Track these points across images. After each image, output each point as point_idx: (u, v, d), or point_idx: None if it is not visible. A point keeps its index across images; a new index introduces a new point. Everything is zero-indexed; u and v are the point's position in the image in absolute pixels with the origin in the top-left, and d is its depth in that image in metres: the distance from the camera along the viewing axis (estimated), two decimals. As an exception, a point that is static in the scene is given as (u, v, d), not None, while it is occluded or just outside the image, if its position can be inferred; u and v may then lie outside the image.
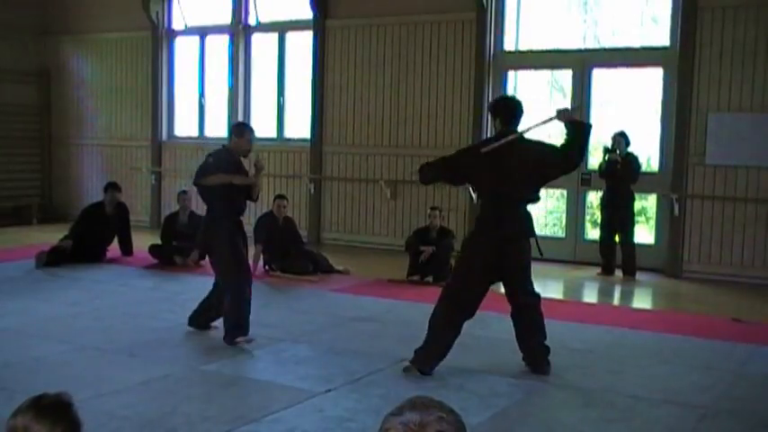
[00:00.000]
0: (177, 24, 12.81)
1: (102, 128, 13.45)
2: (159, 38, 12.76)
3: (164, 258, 9.34)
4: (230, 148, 6.13)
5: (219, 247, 6.00)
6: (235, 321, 5.90)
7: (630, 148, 9.12)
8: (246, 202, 6.26)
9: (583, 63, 9.98)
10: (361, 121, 11.18)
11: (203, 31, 12.63)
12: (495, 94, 9.68)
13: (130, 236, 9.84)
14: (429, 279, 8.43)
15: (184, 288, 8.01)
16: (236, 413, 4.50)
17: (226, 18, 12.27)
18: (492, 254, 5.25)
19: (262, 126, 11.08)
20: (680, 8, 9.24)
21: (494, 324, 6.17)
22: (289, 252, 8.95)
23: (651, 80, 9.90)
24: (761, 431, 4.63)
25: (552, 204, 10.85)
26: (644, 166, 9.62)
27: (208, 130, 12.66)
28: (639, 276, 9.15)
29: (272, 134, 11.88)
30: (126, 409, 4.51)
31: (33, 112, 13.73)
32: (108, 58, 13.33)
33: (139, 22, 12.69)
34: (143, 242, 9.83)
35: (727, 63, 9.00)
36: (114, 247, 9.74)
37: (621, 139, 9.08)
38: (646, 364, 5.75)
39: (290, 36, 11.94)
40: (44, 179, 13.91)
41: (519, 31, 10.46)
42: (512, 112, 5.41)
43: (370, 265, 9.60)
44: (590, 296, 8.80)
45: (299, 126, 11.85)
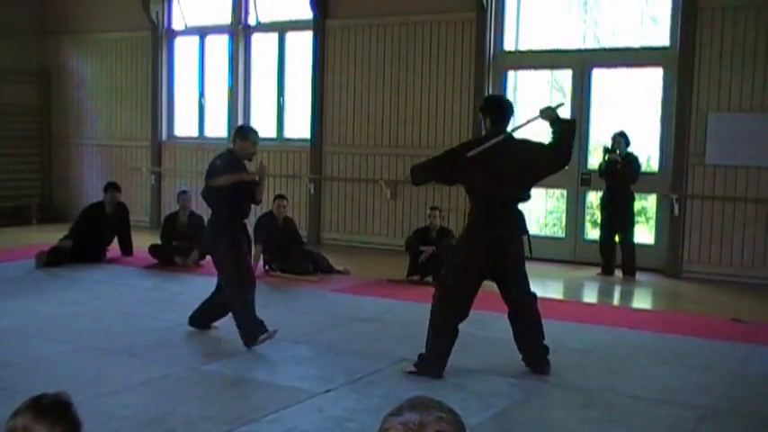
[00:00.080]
0: (177, 24, 12.81)
1: (102, 128, 13.45)
2: (159, 38, 12.76)
3: (164, 258, 9.34)
4: (234, 151, 6.13)
5: (224, 253, 5.98)
6: (249, 325, 5.87)
7: (630, 148, 9.12)
8: (251, 205, 6.28)
9: (583, 63, 9.98)
10: (361, 120, 11.18)
11: (203, 31, 12.63)
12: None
13: (130, 236, 9.85)
14: (429, 279, 8.43)
15: (184, 288, 8.02)
16: (236, 413, 4.50)
17: (226, 18, 12.27)
18: (488, 254, 5.25)
19: (262, 126, 11.00)
20: (680, 8, 9.24)
21: (494, 324, 6.17)
22: (289, 252, 8.96)
23: (651, 80, 9.90)
24: (761, 431, 4.63)
25: (552, 204, 10.85)
26: (644, 166, 9.62)
27: (208, 131, 12.67)
28: (639, 276, 9.15)
29: (272, 134, 11.86)
30: (126, 409, 4.51)
31: (33, 112, 13.73)
32: (108, 58, 13.34)
33: (139, 22, 12.69)
34: (143, 242, 9.83)
35: (727, 63, 9.00)
36: (114, 247, 9.74)
37: (621, 139, 9.08)
38: (645, 364, 5.75)
39: (289, 36, 11.94)
40: (44, 179, 13.91)
41: (519, 31, 10.46)
42: (502, 112, 5.41)
43: (370, 265, 9.60)
44: (590, 296, 8.80)
45: (298, 126, 11.85)
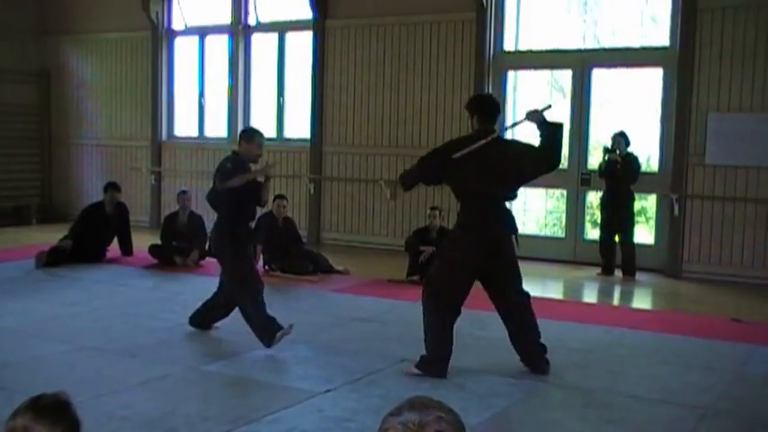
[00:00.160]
0: (177, 24, 12.81)
1: (102, 128, 13.45)
2: (159, 38, 12.76)
3: (164, 258, 9.34)
4: (240, 153, 6.12)
5: (230, 256, 5.98)
6: (263, 324, 5.84)
7: (630, 148, 9.12)
8: (256, 207, 6.28)
9: (582, 63, 9.98)
10: (360, 120, 11.18)
11: (203, 31, 12.63)
12: (495, 94, 9.67)
13: (130, 236, 9.85)
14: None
15: (184, 288, 8.03)
16: (236, 413, 4.50)
17: (226, 18, 12.27)
18: (485, 253, 5.24)
19: (262, 126, 10.94)
20: (680, 8, 9.24)
21: (494, 324, 6.15)
22: (289, 252, 8.96)
23: (651, 80, 9.90)
24: (761, 431, 4.63)
25: (552, 204, 10.84)
26: (644, 166, 9.62)
27: (207, 131, 12.66)
28: (639, 276, 9.14)
29: (271, 134, 11.85)
30: (126, 409, 4.51)
31: (33, 112, 13.73)
32: (108, 58, 13.34)
33: (139, 23, 12.69)
34: (143, 242, 9.83)
35: (727, 63, 9.00)
36: (114, 247, 9.74)
37: (621, 139, 9.08)
38: (645, 364, 5.75)
39: (289, 36, 11.94)
40: (44, 179, 13.91)
41: (519, 31, 10.46)
42: (489, 111, 5.43)
43: (370, 265, 9.60)
44: (589, 296, 8.79)
45: (298, 126, 11.85)
